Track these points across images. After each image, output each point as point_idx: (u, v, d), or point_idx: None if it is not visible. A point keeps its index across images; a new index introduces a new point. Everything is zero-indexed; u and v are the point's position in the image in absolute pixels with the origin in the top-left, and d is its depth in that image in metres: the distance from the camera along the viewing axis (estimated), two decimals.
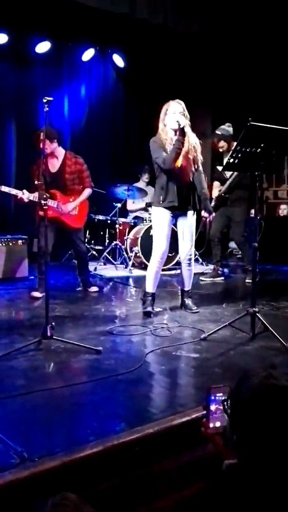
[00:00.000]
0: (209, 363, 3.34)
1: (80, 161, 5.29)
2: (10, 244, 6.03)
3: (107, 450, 2.23)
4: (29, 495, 2.02)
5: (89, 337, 3.88)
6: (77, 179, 5.29)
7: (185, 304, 4.69)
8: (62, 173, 5.20)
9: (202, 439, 2.38)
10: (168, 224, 4.45)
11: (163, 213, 4.41)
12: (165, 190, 4.35)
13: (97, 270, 6.76)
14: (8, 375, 3.08)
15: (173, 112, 4.24)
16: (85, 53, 7.72)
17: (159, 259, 4.48)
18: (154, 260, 4.50)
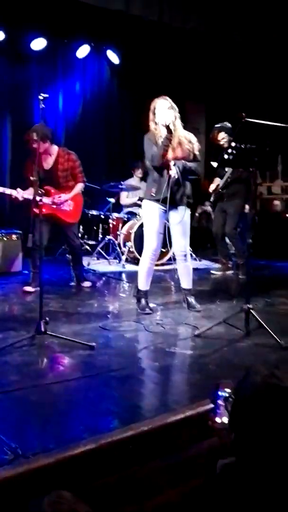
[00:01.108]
0: (203, 360, 3.34)
1: (72, 157, 5.28)
2: (4, 239, 6.02)
3: (101, 448, 2.23)
4: (23, 491, 2.02)
5: (82, 332, 3.87)
6: (70, 176, 5.29)
7: (188, 303, 4.60)
8: (55, 170, 5.20)
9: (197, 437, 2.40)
10: (159, 220, 4.37)
11: (154, 208, 4.34)
12: (157, 183, 4.31)
13: (90, 265, 6.75)
14: (1, 371, 3.08)
15: (161, 109, 4.23)
16: (80, 50, 7.70)
17: (152, 256, 4.43)
18: (145, 257, 4.46)
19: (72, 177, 5.31)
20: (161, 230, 4.42)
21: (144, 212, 4.51)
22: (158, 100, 4.28)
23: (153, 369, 3.21)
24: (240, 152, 3.67)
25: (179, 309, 4.62)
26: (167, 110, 4.20)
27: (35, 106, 7.22)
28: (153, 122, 4.29)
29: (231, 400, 1.42)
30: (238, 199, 6.23)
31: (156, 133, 4.28)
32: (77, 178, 5.34)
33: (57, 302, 4.80)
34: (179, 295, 4.93)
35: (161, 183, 4.30)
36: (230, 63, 7.87)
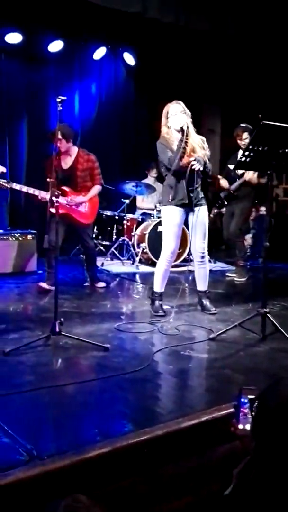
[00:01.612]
0: (218, 363, 3.32)
1: (92, 158, 5.32)
2: (20, 239, 6.06)
3: (116, 451, 2.23)
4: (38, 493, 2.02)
5: (96, 333, 3.87)
6: (88, 176, 5.31)
7: (203, 305, 4.58)
8: (74, 170, 5.23)
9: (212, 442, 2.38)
10: (179, 223, 4.39)
11: (174, 211, 4.35)
12: (174, 188, 4.31)
13: (104, 266, 6.75)
14: (17, 371, 3.09)
15: (174, 114, 4.22)
16: (96, 52, 7.72)
17: (169, 258, 4.43)
18: (162, 259, 4.46)
19: (90, 178, 5.33)
20: (179, 233, 4.43)
21: (163, 216, 4.49)
22: (171, 104, 4.28)
23: (167, 372, 3.20)
24: (257, 154, 3.65)
25: (193, 312, 4.60)
26: (180, 114, 4.20)
27: (52, 107, 7.25)
28: (166, 126, 4.29)
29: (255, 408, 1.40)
30: (247, 202, 6.21)
31: (168, 137, 4.27)
32: (95, 180, 5.36)
33: (71, 302, 4.81)
34: (194, 297, 4.92)
35: (178, 188, 4.29)
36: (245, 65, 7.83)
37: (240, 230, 6.26)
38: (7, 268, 5.93)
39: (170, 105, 4.28)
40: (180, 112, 4.21)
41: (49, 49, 7.16)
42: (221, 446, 2.38)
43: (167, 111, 4.28)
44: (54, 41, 7.13)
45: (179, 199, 4.31)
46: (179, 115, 4.20)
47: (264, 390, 1.38)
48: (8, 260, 5.95)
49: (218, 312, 4.53)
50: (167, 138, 4.28)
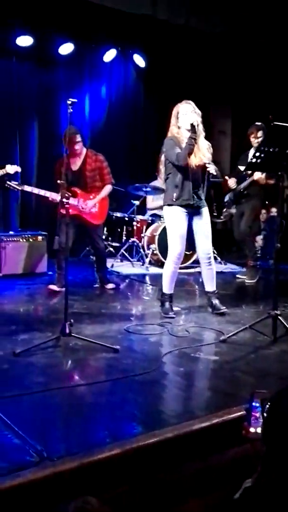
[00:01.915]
0: (228, 366, 3.30)
1: (100, 158, 5.33)
2: (30, 240, 6.08)
3: (125, 453, 2.22)
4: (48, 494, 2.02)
5: (106, 335, 3.87)
6: (98, 176, 5.32)
7: (213, 305, 4.56)
8: (83, 171, 5.26)
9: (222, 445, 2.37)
10: (183, 223, 4.36)
11: (177, 211, 4.34)
12: (179, 188, 4.30)
13: (113, 267, 6.75)
14: (27, 372, 3.09)
15: (185, 113, 4.22)
16: (106, 54, 7.73)
17: (175, 260, 4.42)
18: (169, 261, 4.45)
19: (99, 177, 5.34)
20: (184, 234, 4.41)
21: (167, 216, 4.48)
22: (181, 104, 4.28)
23: (177, 374, 3.18)
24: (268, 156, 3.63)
25: (203, 313, 4.58)
26: (190, 114, 4.20)
27: (62, 109, 7.27)
28: (176, 126, 4.28)
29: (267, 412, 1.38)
30: (256, 200, 6.19)
31: (178, 136, 4.26)
32: (105, 179, 5.38)
33: (81, 303, 4.81)
34: (204, 299, 4.90)
35: (184, 187, 4.28)
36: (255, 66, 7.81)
37: (250, 228, 6.24)
38: (17, 269, 5.95)
39: (180, 105, 4.28)
40: (191, 111, 4.21)
41: (59, 51, 7.18)
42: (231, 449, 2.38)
43: (178, 111, 4.27)
44: (65, 43, 7.15)
45: (183, 199, 4.29)
46: (189, 114, 4.20)
47: (275, 393, 1.36)
48: (19, 261, 5.97)
49: (228, 313, 4.51)
50: (177, 136, 4.28)
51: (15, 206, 7.21)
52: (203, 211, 4.40)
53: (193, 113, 4.21)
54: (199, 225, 4.42)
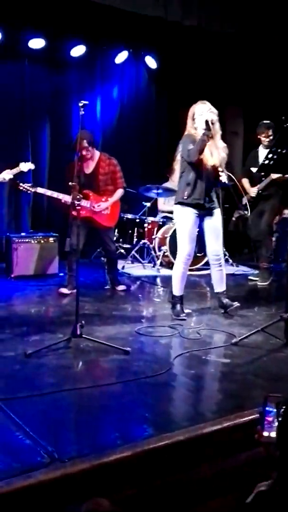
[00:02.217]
0: (240, 369, 3.28)
1: (113, 162, 5.36)
2: (42, 242, 6.09)
3: (136, 455, 2.22)
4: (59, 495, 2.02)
5: (117, 336, 3.87)
6: (110, 180, 5.35)
7: (223, 304, 4.54)
8: (96, 174, 5.27)
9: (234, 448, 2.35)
10: (193, 224, 4.34)
11: (187, 212, 4.32)
12: (191, 186, 4.27)
13: (124, 269, 6.74)
14: (38, 373, 3.10)
15: (201, 114, 4.20)
16: (118, 56, 7.73)
17: (185, 261, 4.40)
18: (179, 262, 4.43)
19: (111, 181, 5.36)
20: (194, 235, 4.39)
21: (177, 216, 4.46)
22: (196, 105, 4.26)
23: (188, 376, 3.17)
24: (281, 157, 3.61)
25: (215, 316, 4.56)
26: (206, 113, 4.17)
27: (74, 111, 7.29)
28: (192, 128, 4.26)
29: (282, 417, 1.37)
30: (275, 200, 6.16)
31: (195, 135, 4.24)
32: (117, 183, 5.40)
33: (92, 305, 4.82)
34: (215, 301, 4.87)
35: (196, 187, 4.26)
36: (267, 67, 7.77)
37: (269, 227, 6.21)
38: (29, 270, 5.97)
39: (196, 106, 4.26)
40: (207, 111, 4.19)
41: (71, 54, 7.20)
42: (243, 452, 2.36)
43: (193, 112, 4.25)
44: (77, 46, 7.16)
45: (194, 198, 4.27)
46: (205, 114, 4.16)
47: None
48: (30, 263, 5.99)
49: (239, 316, 4.49)
50: (194, 135, 4.25)
51: (27, 208, 7.23)
52: (214, 212, 4.38)
53: (209, 112, 4.18)
54: (209, 226, 4.40)
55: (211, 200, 4.34)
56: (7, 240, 6.14)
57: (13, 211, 7.14)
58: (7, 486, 1.91)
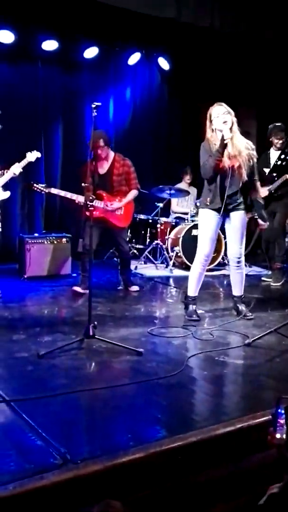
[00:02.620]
0: (254, 370, 3.26)
1: (128, 163, 5.37)
2: (55, 242, 6.12)
3: (149, 457, 2.21)
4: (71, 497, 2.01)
5: (130, 337, 3.86)
6: (124, 181, 5.36)
7: (239, 310, 4.53)
8: (110, 174, 5.28)
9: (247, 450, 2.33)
10: (214, 227, 4.35)
11: (210, 215, 4.33)
12: (212, 192, 4.28)
13: (137, 269, 6.74)
14: (51, 374, 3.11)
15: (217, 116, 4.16)
16: (131, 57, 7.74)
17: (203, 262, 4.40)
18: (197, 262, 4.43)
19: (126, 182, 5.37)
20: (214, 237, 4.39)
21: (200, 218, 4.48)
22: (213, 107, 4.22)
23: (202, 378, 3.15)
24: None
25: (228, 317, 4.53)
26: (223, 115, 4.14)
27: (87, 112, 7.31)
28: (210, 129, 4.23)
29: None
30: (286, 200, 6.11)
31: (212, 140, 4.22)
32: (131, 184, 5.40)
33: (105, 306, 4.82)
34: (228, 302, 4.86)
35: (216, 193, 4.26)
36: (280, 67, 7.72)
37: (282, 227, 6.17)
38: (42, 271, 6.00)
39: (213, 107, 4.22)
40: (223, 113, 4.16)
41: (84, 55, 7.23)
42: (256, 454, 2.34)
43: (210, 113, 4.22)
44: (89, 47, 7.19)
45: (215, 203, 4.28)
46: (222, 116, 4.15)
47: None
48: (43, 263, 6.01)
49: (253, 317, 4.46)
50: (210, 140, 4.23)
51: (40, 209, 7.27)
52: (237, 214, 4.34)
53: (225, 114, 4.14)
54: (231, 228, 4.40)
55: (234, 202, 4.30)
56: (20, 240, 6.17)
57: (26, 211, 7.18)
58: (19, 487, 1.91)
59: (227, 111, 4.17)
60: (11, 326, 4.10)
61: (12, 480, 1.94)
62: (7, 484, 1.91)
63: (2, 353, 3.43)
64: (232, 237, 4.41)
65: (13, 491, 1.89)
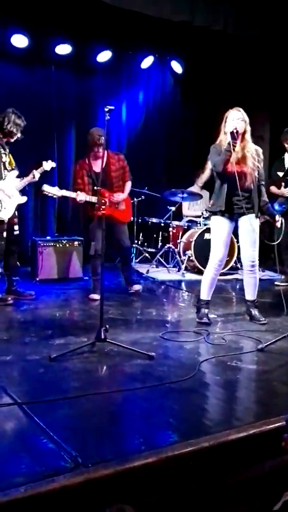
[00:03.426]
0: (267, 375, 3.23)
1: (122, 157, 5.42)
2: (67, 246, 6.13)
3: (161, 462, 2.19)
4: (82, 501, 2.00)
5: (141, 341, 3.85)
6: (121, 175, 5.38)
7: (252, 315, 4.51)
8: (108, 171, 5.22)
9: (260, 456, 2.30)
10: (226, 232, 4.34)
11: (220, 219, 4.33)
12: (216, 194, 4.31)
13: (149, 273, 6.74)
14: (62, 377, 3.10)
15: (232, 119, 4.17)
16: (144, 61, 7.76)
17: (216, 267, 4.38)
18: (210, 267, 4.41)
19: (122, 177, 5.39)
20: (227, 240, 4.37)
21: (212, 224, 4.46)
22: (231, 110, 4.23)
23: (214, 383, 3.13)
24: None
25: (241, 321, 4.51)
26: (237, 120, 4.15)
27: (100, 116, 7.33)
28: (223, 131, 4.24)
29: None
30: None
31: (221, 142, 4.24)
32: (126, 177, 5.43)
33: (117, 309, 4.81)
34: (241, 306, 4.83)
35: (220, 195, 4.26)
36: None
37: None
38: (53, 274, 6.02)
39: (231, 110, 4.24)
40: (237, 118, 4.16)
41: (97, 59, 7.26)
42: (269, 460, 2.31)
43: (227, 116, 4.23)
44: (103, 51, 7.22)
45: (218, 205, 4.27)
46: (236, 121, 4.15)
47: None
48: (55, 266, 6.03)
49: (267, 322, 4.42)
50: (220, 141, 4.25)
51: (52, 212, 7.31)
52: (248, 218, 4.32)
53: (239, 121, 4.15)
54: (243, 232, 4.38)
55: (245, 206, 4.28)
56: (32, 243, 6.20)
57: (38, 215, 7.22)
58: (31, 490, 1.90)
59: (242, 117, 4.18)
60: (23, 329, 4.12)
61: (24, 482, 1.93)
62: (18, 486, 1.90)
63: (14, 355, 3.43)
64: (245, 241, 4.39)
65: (25, 493, 1.88)
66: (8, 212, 4.83)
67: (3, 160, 4.84)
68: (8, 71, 6.77)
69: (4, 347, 3.59)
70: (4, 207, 4.79)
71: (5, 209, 4.80)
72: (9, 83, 6.73)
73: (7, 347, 3.60)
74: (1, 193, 4.77)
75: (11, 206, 4.86)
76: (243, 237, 4.40)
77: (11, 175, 4.89)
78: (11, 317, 4.45)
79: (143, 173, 7.30)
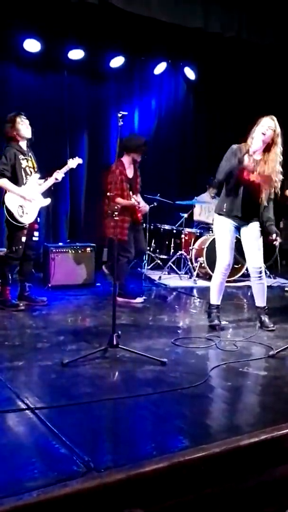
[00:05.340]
0: (278, 382, 3.23)
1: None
2: (79, 252, 6.17)
3: (173, 467, 2.20)
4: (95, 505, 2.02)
5: (153, 347, 3.87)
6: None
7: (261, 321, 4.51)
8: (136, 177, 5.52)
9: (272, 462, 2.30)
10: (231, 235, 4.35)
11: (225, 222, 4.33)
12: (230, 199, 4.29)
13: (161, 279, 6.75)
14: (74, 382, 3.12)
15: (262, 125, 4.11)
16: (157, 67, 7.79)
17: (223, 271, 4.40)
18: (218, 272, 4.43)
19: None
20: (232, 245, 4.38)
21: (216, 226, 4.47)
22: (265, 117, 4.16)
23: (225, 388, 3.13)
24: None
25: (252, 328, 4.51)
26: (267, 128, 4.09)
27: (112, 122, 7.39)
28: (251, 136, 4.19)
29: None
30: None
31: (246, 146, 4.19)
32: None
33: (129, 315, 4.84)
34: (252, 313, 4.83)
35: (235, 200, 4.25)
36: None
37: None
38: (66, 280, 6.05)
39: (265, 117, 4.17)
40: (268, 126, 4.09)
41: (110, 65, 7.30)
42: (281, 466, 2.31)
43: (259, 120, 4.17)
44: (115, 57, 7.26)
45: (230, 210, 4.28)
46: (265, 127, 4.09)
47: None
48: (67, 272, 6.06)
49: (277, 328, 4.42)
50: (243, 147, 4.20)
51: (65, 218, 7.35)
52: (251, 224, 4.34)
53: (269, 129, 4.08)
54: (248, 239, 4.38)
55: (251, 213, 4.29)
56: (44, 250, 6.24)
57: (51, 221, 7.26)
58: (43, 494, 1.92)
59: (273, 127, 4.11)
60: (35, 335, 4.14)
61: (36, 487, 1.95)
62: (31, 491, 1.92)
63: (27, 361, 3.46)
64: (251, 248, 4.39)
65: (37, 498, 1.90)
66: (30, 217, 4.88)
67: (22, 166, 4.85)
68: (20, 76, 6.83)
69: (16, 353, 3.62)
70: (26, 212, 4.83)
71: (27, 214, 4.84)
72: (22, 88, 6.79)
73: (20, 353, 3.63)
74: (22, 199, 4.80)
75: (33, 210, 4.91)
76: (248, 244, 4.40)
77: (32, 178, 4.92)
78: (23, 323, 4.49)
79: (155, 180, 7.33)
